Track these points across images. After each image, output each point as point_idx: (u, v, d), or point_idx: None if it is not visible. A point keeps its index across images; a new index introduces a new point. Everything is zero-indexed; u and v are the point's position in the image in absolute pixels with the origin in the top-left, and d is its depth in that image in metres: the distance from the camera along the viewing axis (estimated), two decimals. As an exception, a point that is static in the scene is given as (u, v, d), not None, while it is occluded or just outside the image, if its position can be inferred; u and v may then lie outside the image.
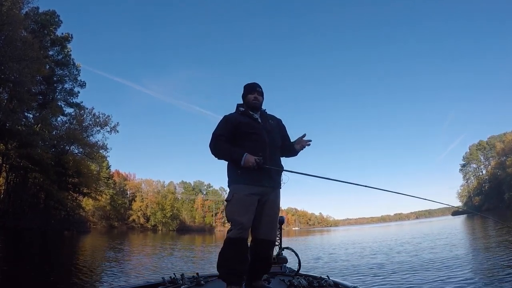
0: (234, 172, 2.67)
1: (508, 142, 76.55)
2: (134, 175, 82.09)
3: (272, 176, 2.68)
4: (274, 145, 2.77)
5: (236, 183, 2.64)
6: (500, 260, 7.13)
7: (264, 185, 2.63)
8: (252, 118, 2.78)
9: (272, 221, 2.71)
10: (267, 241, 2.68)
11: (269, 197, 2.67)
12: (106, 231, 50.38)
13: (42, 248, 14.57)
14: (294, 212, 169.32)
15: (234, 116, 2.80)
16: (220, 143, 2.68)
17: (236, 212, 2.55)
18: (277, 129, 2.90)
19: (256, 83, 2.92)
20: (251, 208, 2.57)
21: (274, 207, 2.72)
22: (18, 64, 23.05)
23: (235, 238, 2.50)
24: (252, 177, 2.59)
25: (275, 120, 2.97)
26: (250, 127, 2.72)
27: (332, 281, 3.07)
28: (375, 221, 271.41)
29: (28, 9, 28.99)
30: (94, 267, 8.67)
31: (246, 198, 2.57)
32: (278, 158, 2.83)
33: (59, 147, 33.69)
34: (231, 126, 2.72)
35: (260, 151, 2.62)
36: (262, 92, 2.89)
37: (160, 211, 76.14)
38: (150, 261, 10.52)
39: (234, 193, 2.61)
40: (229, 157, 2.66)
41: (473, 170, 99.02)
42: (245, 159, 2.54)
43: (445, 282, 5.33)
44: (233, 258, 2.49)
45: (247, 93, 2.87)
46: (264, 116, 2.89)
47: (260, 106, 2.87)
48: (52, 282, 5.99)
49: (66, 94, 36.06)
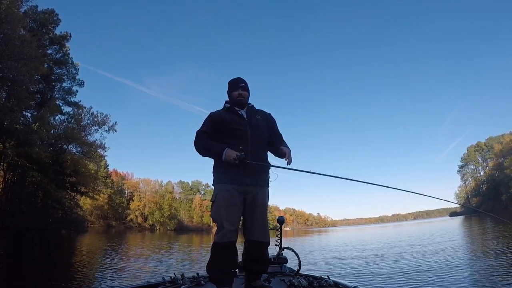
0: (217, 170, 2.64)
1: (506, 143, 76.69)
2: (132, 174, 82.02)
3: (256, 173, 2.62)
4: (259, 140, 2.69)
5: (220, 182, 2.60)
6: (499, 260, 7.15)
7: (247, 183, 2.56)
8: (237, 114, 2.72)
9: (263, 222, 2.66)
10: (260, 243, 2.63)
11: (257, 196, 2.61)
12: (104, 230, 50.30)
13: (40, 248, 14.52)
14: (292, 213, 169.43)
15: (218, 113, 2.75)
16: (203, 139, 2.63)
17: (222, 213, 2.50)
18: (264, 125, 2.81)
19: (240, 78, 2.86)
20: (236, 208, 2.52)
21: (262, 207, 2.65)
22: (17, 62, 22.92)
23: (221, 242, 2.46)
24: (235, 176, 2.53)
25: (263, 115, 2.88)
26: (233, 123, 2.65)
27: (332, 281, 3.07)
28: (373, 221, 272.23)
29: (27, 7, 28.89)
30: (92, 267, 8.63)
31: (231, 198, 2.52)
32: (263, 154, 2.74)
33: (57, 146, 33.53)
34: (215, 123, 2.67)
35: (241, 146, 2.53)
36: (246, 87, 2.82)
37: (158, 211, 75.96)
38: (149, 261, 10.49)
39: (217, 193, 2.57)
40: (211, 153, 2.62)
41: (471, 171, 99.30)
42: (226, 153, 2.48)
43: (445, 282, 5.33)
44: (221, 261, 2.47)
45: (231, 90, 2.81)
46: (251, 112, 2.81)
47: (246, 102, 2.81)
48: (50, 282, 5.95)
49: (64, 93, 35.87)
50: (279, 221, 4.11)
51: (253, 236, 2.59)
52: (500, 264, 6.68)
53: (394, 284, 5.53)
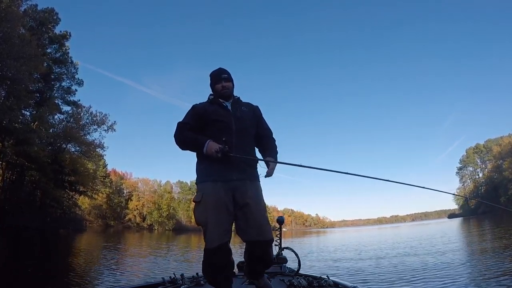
0: (200, 167, 2.46)
1: (505, 145, 76.82)
2: (130, 174, 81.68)
3: (242, 168, 2.41)
4: (244, 133, 2.49)
5: (204, 180, 2.40)
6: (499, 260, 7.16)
7: (233, 178, 2.36)
8: (221, 106, 2.53)
9: (261, 218, 2.38)
10: (261, 242, 2.36)
11: (247, 193, 2.37)
12: (102, 230, 50.22)
13: (38, 247, 14.48)
14: (291, 213, 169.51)
15: (202, 105, 2.57)
16: (183, 131, 2.45)
17: (209, 215, 2.27)
18: (250, 117, 2.62)
19: (222, 69, 2.66)
20: (225, 208, 2.30)
21: (257, 203, 2.41)
22: (16, 61, 22.92)
23: (212, 248, 2.24)
24: (219, 172, 2.34)
25: (250, 107, 2.69)
26: (216, 114, 2.47)
27: (332, 281, 3.07)
28: (371, 222, 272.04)
29: (26, 6, 28.98)
30: (91, 266, 8.62)
31: (217, 197, 2.30)
32: (249, 147, 2.55)
33: (56, 145, 33.43)
34: (198, 115, 2.50)
35: (225, 138, 2.31)
36: (230, 78, 2.62)
37: (156, 211, 75.73)
38: (148, 261, 10.47)
39: (203, 193, 2.34)
40: (191, 145, 2.43)
41: (469, 173, 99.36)
42: (207, 146, 2.29)
43: (445, 282, 5.34)
44: (216, 265, 2.30)
45: (214, 83, 2.62)
46: (237, 104, 2.62)
47: (231, 94, 2.61)
48: (49, 282, 5.94)
49: (63, 92, 35.84)
50: (279, 221, 4.11)
51: (251, 236, 2.34)
52: (500, 264, 6.69)
53: (393, 284, 5.53)
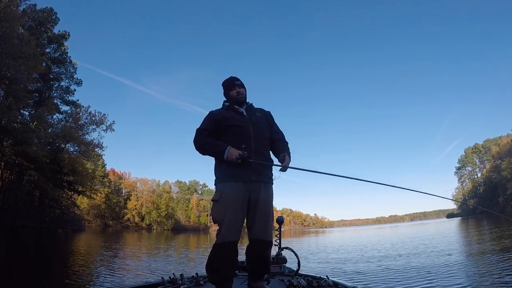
0: (220, 169, 2.56)
1: (503, 145, 77.10)
2: (129, 174, 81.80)
3: (260, 170, 2.54)
4: (260, 138, 2.64)
5: (224, 181, 2.51)
6: (498, 260, 7.17)
7: (252, 179, 2.49)
8: (237, 112, 2.68)
9: (267, 220, 2.57)
10: (263, 241, 2.54)
11: (260, 194, 2.52)
12: (101, 229, 50.07)
13: (37, 247, 14.45)
14: (290, 213, 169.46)
15: (219, 111, 2.70)
16: (203, 137, 2.56)
17: (226, 214, 2.41)
18: (264, 122, 2.78)
19: (234, 77, 2.82)
20: (240, 208, 2.45)
21: (267, 204, 2.57)
22: (15, 61, 22.94)
23: (223, 243, 2.38)
24: (239, 173, 2.46)
25: (263, 113, 2.85)
26: (234, 120, 2.60)
27: (332, 281, 3.08)
28: (370, 222, 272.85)
29: (25, 6, 29.00)
30: (90, 266, 8.60)
31: (236, 197, 2.44)
32: (266, 152, 2.69)
33: (54, 145, 33.44)
34: (215, 121, 2.61)
35: (244, 144, 2.46)
36: (242, 84, 2.79)
37: (155, 210, 75.72)
38: (148, 261, 10.45)
39: (221, 192, 2.48)
40: (213, 151, 2.52)
41: (468, 173, 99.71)
42: (228, 152, 2.41)
43: (445, 282, 5.35)
44: (221, 262, 2.39)
45: (228, 90, 2.78)
46: (251, 110, 2.78)
47: (244, 100, 2.77)
48: (47, 282, 5.92)
49: (62, 92, 35.89)
50: (279, 221, 4.10)
51: (256, 235, 2.52)
52: (499, 264, 6.70)
53: (393, 284, 5.54)
